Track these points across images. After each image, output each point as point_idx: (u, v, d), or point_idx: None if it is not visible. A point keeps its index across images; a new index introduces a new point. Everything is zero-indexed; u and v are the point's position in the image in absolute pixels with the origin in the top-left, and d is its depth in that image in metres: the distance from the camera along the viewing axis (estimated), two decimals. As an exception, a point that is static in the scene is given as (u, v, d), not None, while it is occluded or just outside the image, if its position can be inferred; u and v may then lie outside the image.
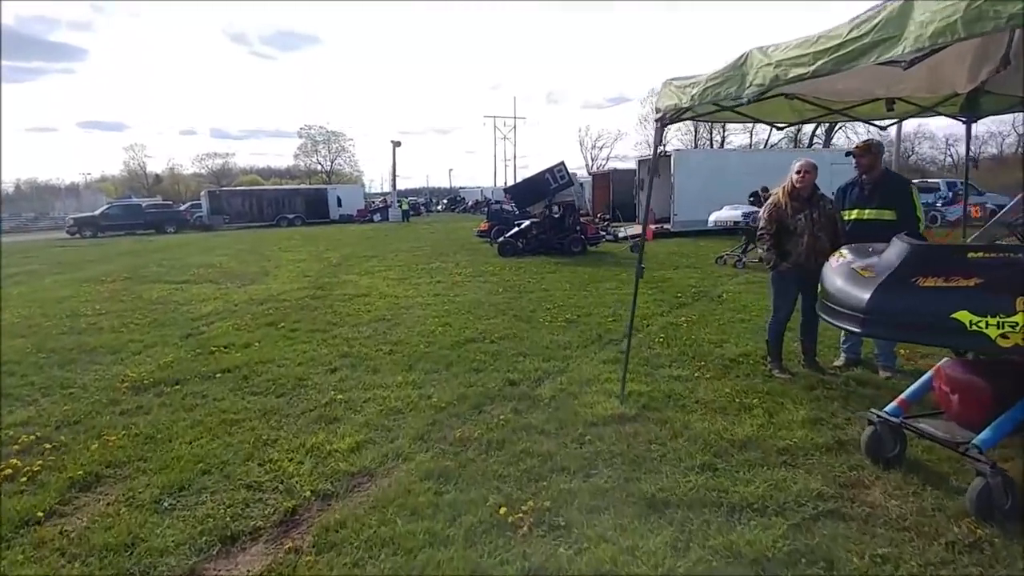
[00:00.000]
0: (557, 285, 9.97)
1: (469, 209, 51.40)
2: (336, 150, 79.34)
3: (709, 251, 14.93)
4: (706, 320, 7.04)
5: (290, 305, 8.89)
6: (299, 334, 6.93)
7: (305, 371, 5.42)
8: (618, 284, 9.90)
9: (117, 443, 3.85)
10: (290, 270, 13.28)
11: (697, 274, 10.77)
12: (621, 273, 11.08)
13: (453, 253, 15.90)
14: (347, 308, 8.47)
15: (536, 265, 12.75)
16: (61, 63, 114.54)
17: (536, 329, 6.77)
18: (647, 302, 8.26)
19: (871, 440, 3.50)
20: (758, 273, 10.67)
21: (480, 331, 6.71)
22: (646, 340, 6.22)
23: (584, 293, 9.10)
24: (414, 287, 10.22)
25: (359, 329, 7.07)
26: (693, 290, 9.13)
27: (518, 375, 5.06)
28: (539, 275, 11.26)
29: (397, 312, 8.05)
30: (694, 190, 19.74)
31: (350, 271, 12.82)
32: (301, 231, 29.92)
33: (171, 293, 10.35)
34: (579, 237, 14.93)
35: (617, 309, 7.77)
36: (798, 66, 2.77)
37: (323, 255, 16.55)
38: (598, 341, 6.20)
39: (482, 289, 9.76)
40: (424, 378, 5.05)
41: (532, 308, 7.99)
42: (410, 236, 23.47)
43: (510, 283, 10.34)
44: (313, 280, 11.57)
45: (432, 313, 7.84)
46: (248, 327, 7.44)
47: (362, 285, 10.65)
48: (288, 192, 41.94)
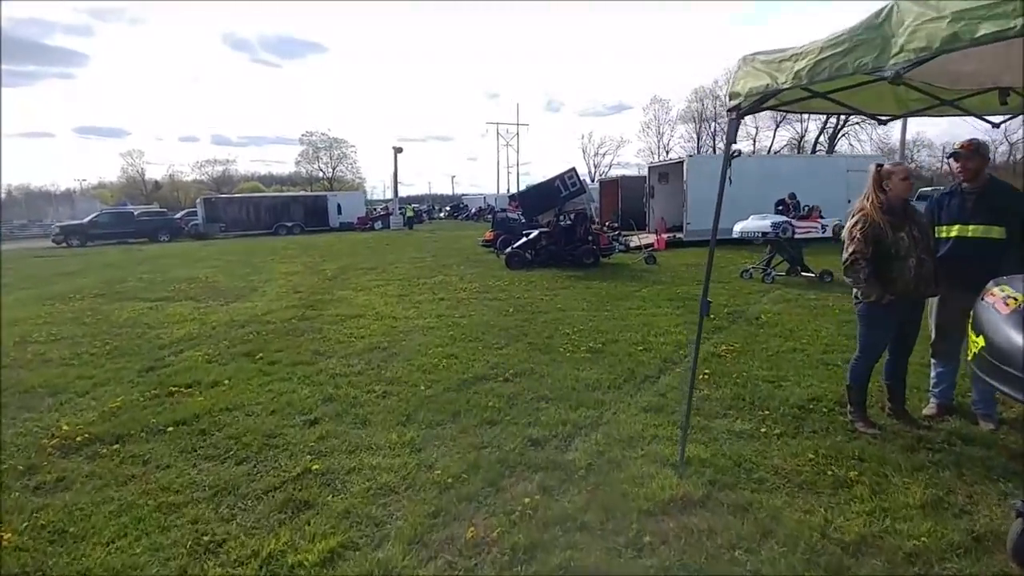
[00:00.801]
0: (573, 303, 8.98)
1: (472, 216, 50.52)
2: (338, 157, 78.72)
3: (728, 263, 13.94)
4: (752, 349, 6.04)
5: (274, 328, 7.91)
6: (278, 368, 5.95)
7: (278, 423, 4.42)
8: (640, 303, 8.91)
9: (10, 543, 2.86)
10: (281, 285, 12.31)
11: (725, 290, 9.77)
12: (641, 289, 10.09)
13: (457, 265, 14.93)
14: (338, 333, 7.49)
15: (547, 279, 11.77)
16: (58, 67, 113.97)
17: (556, 362, 5.77)
18: (676, 324, 7.27)
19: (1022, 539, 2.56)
20: (791, 289, 9.70)
21: (491, 364, 5.72)
22: (684, 375, 5.21)
23: (605, 314, 8.11)
24: (415, 306, 9.24)
25: (349, 362, 6.08)
26: (725, 309, 8.13)
27: (542, 430, 4.06)
28: (552, 291, 10.27)
29: (395, 338, 7.07)
30: (708, 198, 18.72)
31: (346, 286, 11.85)
32: (299, 240, 28.99)
33: (143, 313, 9.37)
34: (592, 248, 13.95)
35: (646, 335, 6.77)
36: (998, 18, 1.80)
37: (318, 267, 15.59)
38: (631, 379, 5.20)
39: (490, 309, 8.77)
40: (425, 435, 4.05)
41: (548, 333, 7.00)
42: (411, 245, 22.52)
43: (521, 301, 9.36)
44: (304, 297, 10.59)
45: (435, 340, 6.86)
46: (221, 358, 6.46)
47: (357, 303, 9.67)
48: (286, 199, 41.04)
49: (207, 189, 70.51)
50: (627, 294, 9.71)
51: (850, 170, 20.07)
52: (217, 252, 22.02)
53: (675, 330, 6.99)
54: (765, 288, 9.95)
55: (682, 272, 12.44)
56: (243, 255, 20.14)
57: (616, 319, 7.75)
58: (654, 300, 9.06)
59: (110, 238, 31.22)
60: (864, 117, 5.96)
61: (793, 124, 54.82)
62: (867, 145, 48.74)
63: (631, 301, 9.06)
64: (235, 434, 4.24)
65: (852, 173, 20.04)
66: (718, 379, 5.10)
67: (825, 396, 4.61)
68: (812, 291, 9.45)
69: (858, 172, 20.67)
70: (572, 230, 14.26)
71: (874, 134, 48.59)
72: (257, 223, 36.76)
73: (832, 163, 20.72)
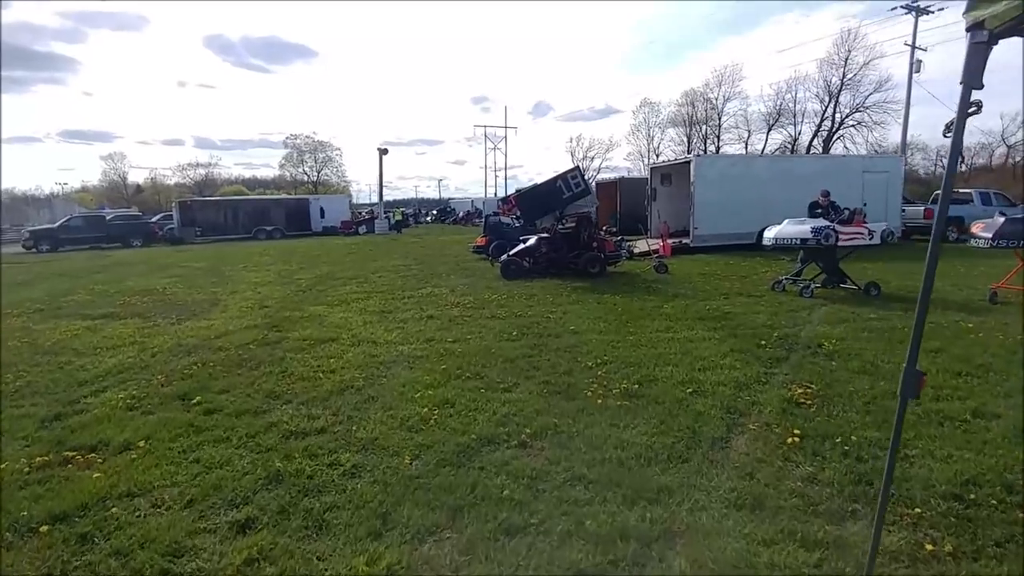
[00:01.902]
0: (587, 324, 7.58)
1: (460, 220, 49.07)
2: (323, 160, 76.82)
3: (747, 271, 12.66)
4: (838, 394, 4.66)
5: (225, 358, 6.43)
6: (216, 421, 4.49)
7: (193, 525, 2.98)
8: (667, 323, 7.52)
9: None
10: (246, 298, 10.80)
11: (761, 306, 8.43)
12: (663, 305, 8.71)
13: (447, 274, 13.48)
14: (303, 364, 6.03)
15: (550, 291, 10.36)
16: (47, 72, 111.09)
17: (585, 412, 4.36)
18: (723, 355, 5.89)
19: None
20: (839, 305, 8.37)
21: (500, 418, 4.29)
22: (766, 437, 3.84)
23: (629, 338, 6.71)
24: (399, 326, 7.79)
25: (311, 410, 4.63)
26: (774, 334, 6.77)
27: (591, 550, 2.65)
28: (558, 307, 8.87)
29: (373, 373, 5.63)
30: (716, 201, 17.51)
31: (320, 299, 10.36)
32: (278, 245, 27.35)
33: (77, 335, 7.85)
34: (597, 255, 12.57)
35: (691, 370, 5.38)
36: None
37: (293, 276, 14.06)
38: (694, 443, 3.80)
39: (489, 330, 7.35)
40: (410, 560, 2.62)
41: (566, 367, 5.59)
42: (397, 251, 21.02)
43: (524, 320, 7.95)
44: (271, 313, 9.10)
45: (424, 376, 5.42)
46: (148, 401, 5.00)
47: (331, 322, 8.20)
48: (266, 203, 39.27)
49: (189, 192, 68.56)
50: (648, 311, 8.32)
51: (866, 171, 18.92)
52: (187, 258, 20.38)
53: (724, 362, 5.61)
54: (806, 303, 8.60)
55: (700, 283, 11.09)
56: (213, 262, 18.53)
57: (645, 346, 6.36)
58: (683, 319, 7.69)
59: (81, 243, 29.53)
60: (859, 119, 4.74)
61: (786, 127, 53.90)
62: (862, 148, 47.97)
63: (656, 320, 7.67)
64: (125, 546, 2.81)
65: (868, 175, 18.91)
66: (817, 445, 3.71)
67: (981, 477, 3.24)
68: (866, 308, 8.12)
69: (875, 174, 19.54)
70: (575, 235, 12.89)
71: (870, 137, 47.77)
72: (235, 227, 35.01)
73: (848, 164, 19.50)
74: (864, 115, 47.80)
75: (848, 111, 49.14)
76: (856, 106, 48.52)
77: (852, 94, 48.03)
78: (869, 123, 47.26)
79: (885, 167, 19.56)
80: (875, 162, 19.86)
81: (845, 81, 48.17)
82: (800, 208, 18.12)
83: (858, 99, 47.83)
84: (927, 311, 2.00)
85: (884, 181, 19.14)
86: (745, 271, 12.80)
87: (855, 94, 47.89)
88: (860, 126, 48.60)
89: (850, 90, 48.04)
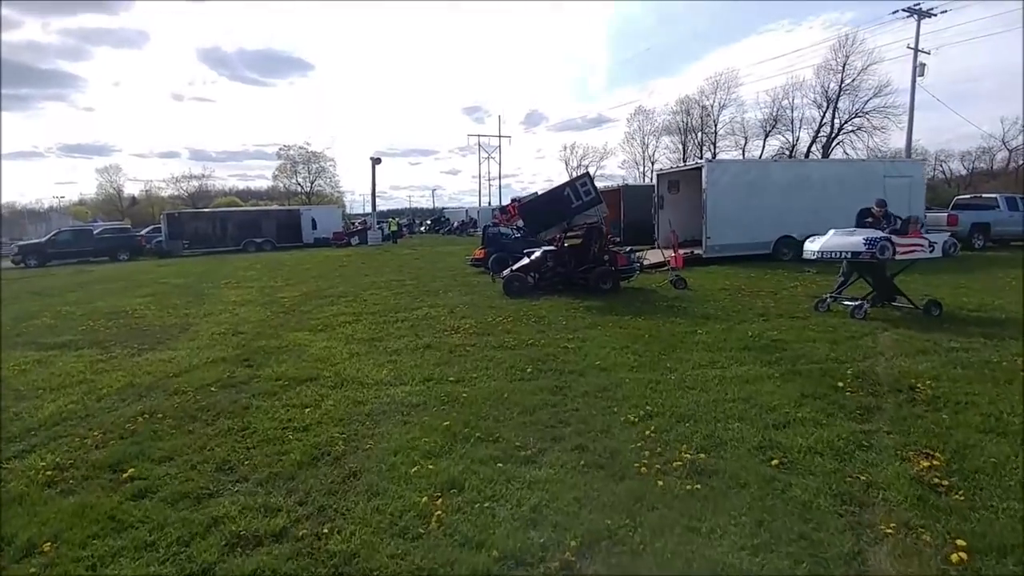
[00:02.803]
0: (612, 355, 6.41)
1: (455, 230, 47.96)
2: (316, 171, 75.66)
3: (774, 285, 11.53)
4: (980, 470, 3.46)
5: (180, 406, 5.24)
6: (147, 511, 3.32)
7: None
8: (709, 354, 6.36)
9: None
10: (222, 320, 9.59)
11: (812, 331, 7.27)
12: (696, 330, 7.54)
13: (444, 291, 12.30)
14: (270, 417, 4.84)
15: (561, 311, 9.20)
16: (50, 89, 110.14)
17: (646, 506, 3.16)
18: (794, 400, 4.73)
19: None
20: (901, 328, 7.24)
21: (527, 518, 3.09)
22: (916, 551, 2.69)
23: (670, 376, 5.54)
24: (391, 359, 6.60)
25: (269, 496, 3.44)
26: (846, 370, 5.61)
27: None
28: (573, 331, 7.70)
29: (356, 431, 4.44)
30: (730, 209, 16.40)
31: (304, 322, 9.17)
32: (266, 258, 26.10)
33: (23, 371, 6.73)
34: (608, 270, 11.42)
35: (763, 427, 4.21)
36: None
37: (277, 294, 12.85)
38: (820, 562, 2.62)
39: (497, 364, 6.17)
40: None
41: (602, 422, 4.41)
42: (390, 264, 19.83)
43: (537, 349, 6.78)
44: (245, 341, 7.91)
45: (421, 436, 4.23)
46: (73, 474, 3.86)
47: (312, 354, 7.01)
48: (256, 214, 38.08)
49: (183, 204, 67.47)
50: (681, 338, 7.16)
51: (887, 176, 17.85)
52: (169, 273, 19.12)
53: (802, 414, 4.45)
54: (864, 328, 7.45)
55: (728, 301, 9.94)
56: (196, 278, 17.29)
57: (693, 387, 5.18)
58: (725, 349, 6.53)
59: (69, 257, 28.44)
60: None
61: (783, 133, 52.94)
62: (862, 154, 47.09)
63: (694, 351, 6.50)
64: None
65: (890, 180, 17.84)
66: (999, 568, 2.53)
67: None
68: (938, 333, 6.95)
69: (897, 179, 18.48)
70: (584, 248, 11.74)
71: (870, 142, 46.89)
72: (224, 239, 33.78)
73: (869, 169, 18.44)
74: (864, 120, 47.02)
75: (847, 116, 48.35)
76: (855, 111, 47.76)
77: (851, 99, 47.27)
78: (869, 128, 46.42)
79: (907, 172, 18.52)
80: (897, 167, 18.81)
81: (843, 86, 47.43)
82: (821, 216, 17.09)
83: (857, 104, 47.09)
84: None
85: (907, 186, 18.08)
86: (771, 285, 11.67)
87: (854, 99, 47.14)
88: (860, 131, 47.77)
89: (849, 95, 47.29)
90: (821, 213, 17.30)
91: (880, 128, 45.73)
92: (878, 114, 45.43)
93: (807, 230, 17.20)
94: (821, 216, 17.09)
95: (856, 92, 46.57)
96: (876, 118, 45.67)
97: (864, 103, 46.23)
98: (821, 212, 17.29)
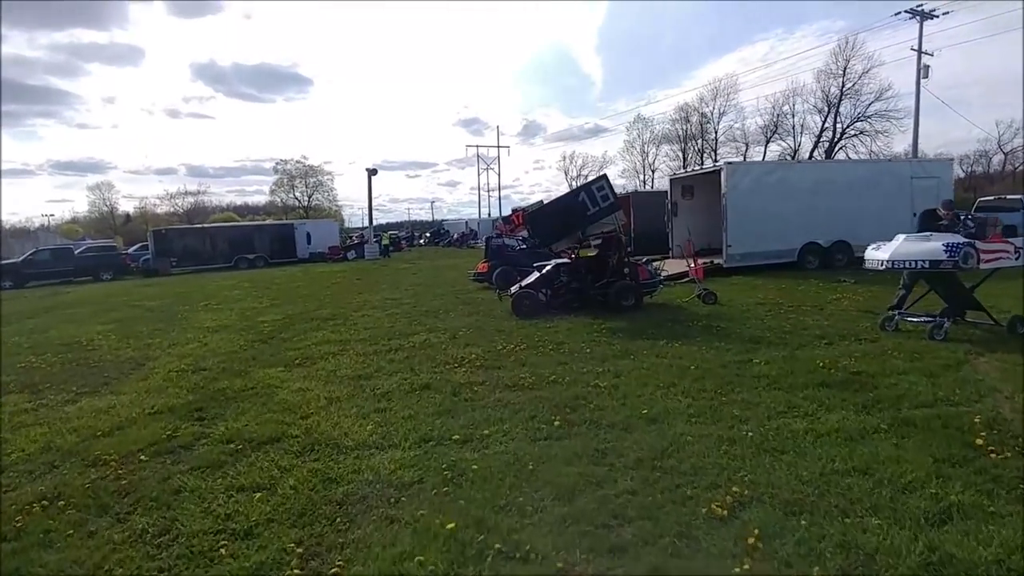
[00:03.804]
0: (658, 396, 5.07)
1: (455, 243, 46.70)
2: (313, 185, 74.45)
3: (814, 298, 10.20)
4: None
5: (96, 483, 3.92)
6: None
7: None
8: (779, 392, 5.02)
9: None
10: (185, 354, 8.25)
11: (896, 359, 5.94)
12: (751, 358, 6.20)
13: (445, 311, 10.96)
14: (207, 505, 3.50)
15: (582, 336, 7.87)
16: (39, 106, 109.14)
17: None
18: (930, 471, 3.39)
19: None
20: (998, 353, 5.89)
21: None
22: None
23: (742, 429, 4.19)
24: (379, 406, 5.26)
25: None
26: (972, 419, 4.28)
27: None
28: (602, 362, 6.36)
29: (322, 534, 3.11)
30: (752, 214, 15.10)
31: (281, 353, 7.83)
32: (257, 275, 24.74)
33: None
34: (630, 284, 10.10)
35: (919, 527, 2.86)
36: None
37: (259, 316, 11.51)
38: None
39: (514, 412, 4.83)
40: None
41: (678, 516, 3.06)
42: (387, 280, 18.50)
43: (561, 389, 5.44)
44: (204, 382, 6.57)
45: (414, 550, 2.87)
46: None
47: (282, 399, 5.66)
48: (248, 229, 36.73)
49: (179, 221, 66.29)
50: (735, 370, 5.82)
51: (915, 177, 16.59)
52: (148, 295, 17.77)
53: (953, 495, 3.11)
54: (953, 352, 6.12)
55: (770, 319, 8.61)
56: (174, 299, 15.92)
57: (785, 452, 3.82)
58: (797, 386, 5.19)
59: (49, 277, 27.11)
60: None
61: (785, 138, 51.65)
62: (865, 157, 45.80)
63: (761, 390, 5.16)
64: None
65: (917, 181, 16.58)
66: None
67: None
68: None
69: (924, 180, 17.21)
70: (602, 260, 10.43)
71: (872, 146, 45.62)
72: (215, 256, 32.39)
73: (896, 170, 17.10)
74: (866, 124, 45.83)
75: (849, 121, 47.17)
76: (857, 115, 46.59)
77: (853, 103, 46.14)
78: (871, 132, 45.23)
79: (935, 173, 17.24)
80: (925, 167, 17.52)
81: (845, 91, 46.31)
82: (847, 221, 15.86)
83: (859, 108, 45.93)
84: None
85: (935, 188, 16.81)
86: (810, 298, 10.33)
87: (856, 103, 46.00)
88: (862, 135, 46.56)
89: (850, 99, 46.16)
90: (847, 217, 16.05)
91: (883, 132, 44.60)
92: (879, 118, 44.32)
93: (833, 236, 16.02)
94: (847, 221, 15.84)
95: (858, 96, 45.49)
96: (878, 122, 44.55)
97: (866, 107, 45.11)
98: (847, 216, 16.04)
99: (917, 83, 31.65)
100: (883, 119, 43.91)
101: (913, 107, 31.98)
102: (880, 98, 43.69)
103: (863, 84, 44.65)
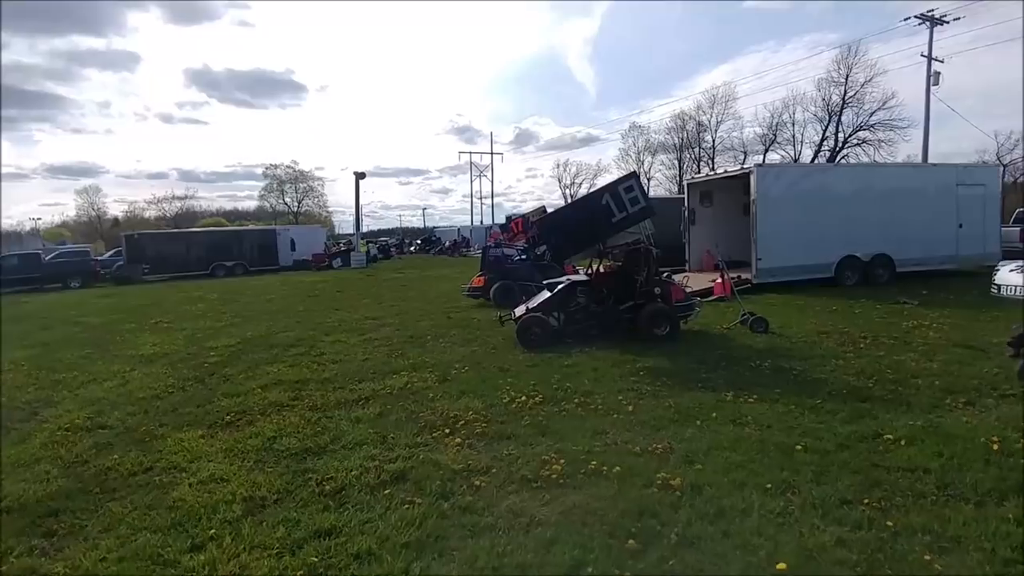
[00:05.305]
0: (768, 505, 3.15)
1: (446, 250, 44.76)
2: (303, 190, 72.43)
3: (883, 326, 8.30)
4: None
5: None
6: None
7: None
8: (958, 501, 3.11)
9: None
10: (94, 399, 6.25)
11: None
12: (878, 428, 4.30)
13: (434, 337, 8.99)
14: None
15: (614, 380, 5.95)
16: (35, 111, 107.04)
17: None
18: None
19: None
20: None
21: None
22: None
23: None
24: (325, 525, 3.29)
25: None
26: None
27: None
28: (655, 430, 4.44)
29: None
30: (785, 224, 13.25)
31: (213, 403, 5.85)
32: (230, 285, 22.65)
33: None
34: (663, 307, 8.18)
35: None
36: None
37: (211, 340, 9.50)
38: None
39: (544, 548, 2.89)
40: None
41: None
42: (370, 294, 16.49)
43: (606, 484, 3.50)
44: (91, 454, 4.58)
45: None
46: None
47: (180, 498, 3.68)
48: (226, 235, 34.61)
49: (168, 225, 64.28)
50: (866, 452, 3.90)
51: (960, 184, 14.80)
52: (98, 309, 15.67)
53: None
54: None
55: (844, 352, 6.74)
56: (125, 314, 13.83)
57: None
58: (979, 486, 3.28)
59: (16, 284, 24.87)
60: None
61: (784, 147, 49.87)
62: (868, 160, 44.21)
63: (926, 499, 3.24)
64: None
65: (963, 188, 14.80)
66: None
67: None
68: None
69: (970, 187, 15.41)
70: (627, 277, 8.49)
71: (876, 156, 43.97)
72: (190, 263, 30.23)
73: (940, 175, 15.24)
74: (868, 133, 44.23)
75: (852, 130, 45.55)
76: (860, 124, 44.99)
77: (855, 112, 44.55)
78: (873, 141, 43.62)
79: (982, 179, 15.49)
80: (971, 173, 15.71)
81: (847, 99, 44.73)
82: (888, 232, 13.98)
83: (862, 117, 44.35)
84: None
85: (981, 196, 15.07)
86: (881, 326, 8.46)
87: (858, 112, 44.41)
88: (865, 144, 44.92)
89: (852, 108, 44.58)
90: (888, 228, 14.24)
91: (887, 141, 43.01)
92: (883, 126, 42.76)
93: (872, 249, 14.11)
94: (888, 232, 14.01)
95: (860, 104, 43.95)
96: (882, 131, 42.98)
97: (869, 116, 43.54)
98: (888, 227, 14.21)
99: (927, 90, 30.16)
100: (887, 128, 42.46)
101: (916, 115, 30.62)
102: (884, 106, 42.25)
103: (865, 92, 43.16)
